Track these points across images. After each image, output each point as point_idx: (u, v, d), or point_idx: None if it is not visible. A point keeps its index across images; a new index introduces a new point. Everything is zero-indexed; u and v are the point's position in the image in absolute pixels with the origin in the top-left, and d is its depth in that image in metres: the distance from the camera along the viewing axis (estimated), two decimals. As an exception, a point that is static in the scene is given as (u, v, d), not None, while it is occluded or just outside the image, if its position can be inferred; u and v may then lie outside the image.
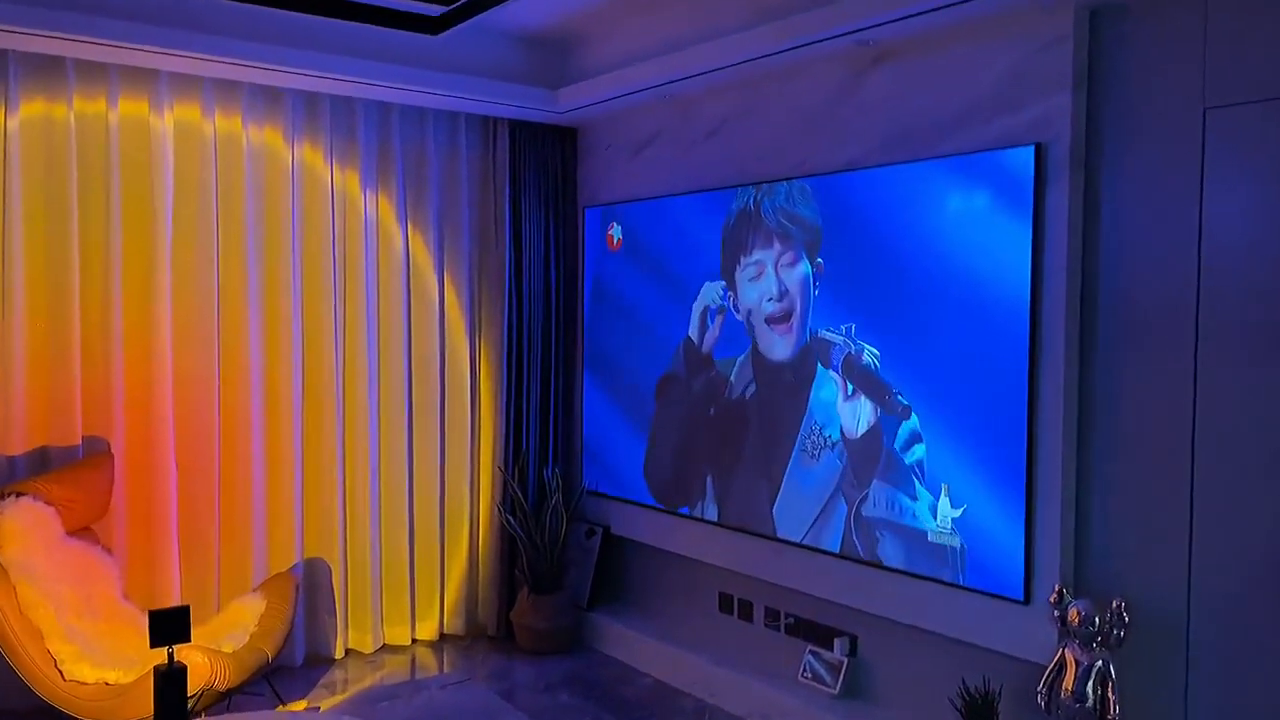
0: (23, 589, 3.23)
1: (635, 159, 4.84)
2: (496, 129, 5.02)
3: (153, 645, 2.88)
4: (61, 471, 3.77)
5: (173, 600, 4.20)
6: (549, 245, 5.14)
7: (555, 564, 4.85)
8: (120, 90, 4.07)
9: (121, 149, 4.09)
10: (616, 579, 5.11)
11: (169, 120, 4.18)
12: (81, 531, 3.74)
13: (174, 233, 4.22)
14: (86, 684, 3.21)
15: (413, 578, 4.94)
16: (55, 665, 3.22)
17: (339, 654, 4.69)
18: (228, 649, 3.43)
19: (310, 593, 4.63)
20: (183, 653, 3.11)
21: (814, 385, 3.88)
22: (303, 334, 4.56)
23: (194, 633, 3.72)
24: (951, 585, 3.42)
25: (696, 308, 4.43)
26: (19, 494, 3.51)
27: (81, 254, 4.03)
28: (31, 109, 3.91)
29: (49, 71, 3.92)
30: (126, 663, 3.42)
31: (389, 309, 4.80)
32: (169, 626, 2.86)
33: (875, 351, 3.64)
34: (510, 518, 4.87)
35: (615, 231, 4.91)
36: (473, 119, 4.98)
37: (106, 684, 3.22)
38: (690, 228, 4.46)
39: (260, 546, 4.46)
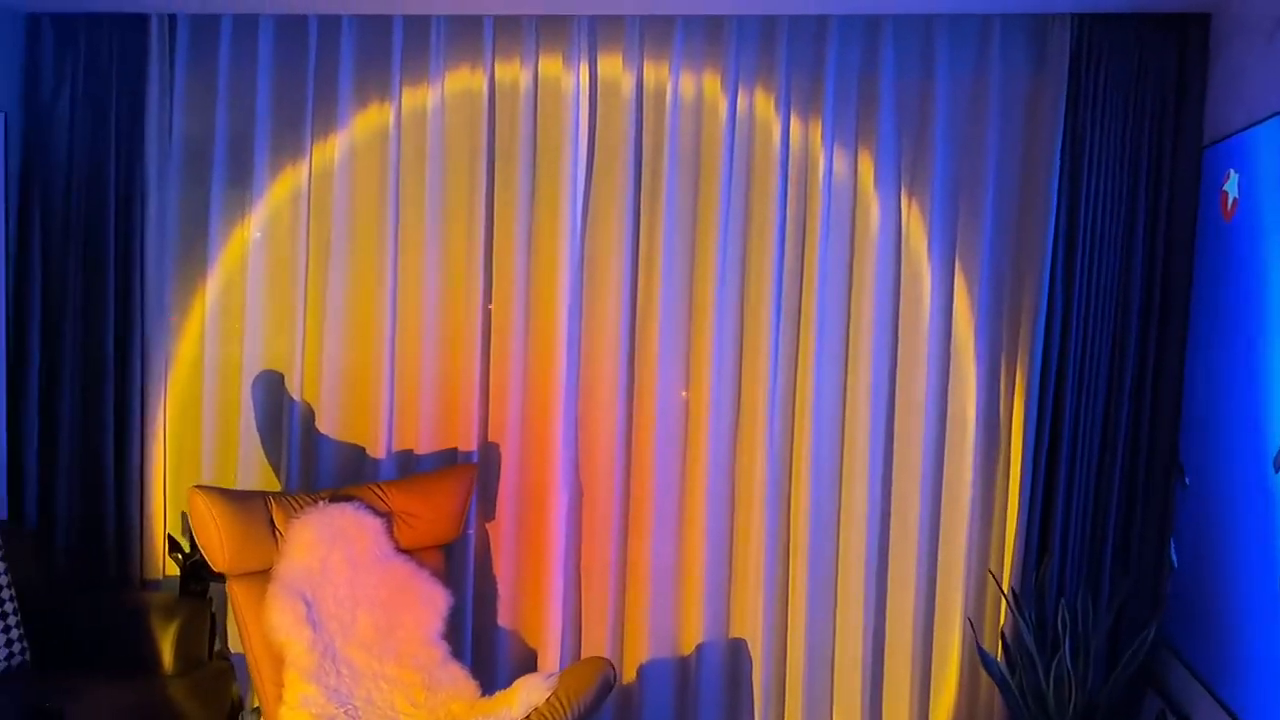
0: (274, 606, 2.90)
1: (1272, 45, 2.51)
2: (1049, 31, 3.13)
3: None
4: (410, 480, 3.39)
5: (552, 646, 3.54)
6: (1134, 214, 3.05)
7: (1061, 757, 2.85)
8: (538, 46, 3.48)
9: (540, 118, 3.49)
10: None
11: (584, 77, 3.46)
12: (422, 551, 3.31)
13: (585, 218, 3.49)
14: (291, 737, 2.74)
15: (875, 700, 3.42)
16: (279, 700, 2.82)
17: (754, 775, 3.49)
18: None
19: (730, 684, 3.51)
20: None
21: None
22: (736, 344, 3.44)
23: (485, 704, 3.02)
24: None
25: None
26: (346, 499, 3.22)
27: (497, 243, 3.57)
28: (456, 80, 3.56)
29: (470, 33, 3.52)
30: (383, 716, 2.87)
31: (859, 316, 3.36)
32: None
33: None
34: (990, 658, 3.01)
35: (1231, 186, 2.64)
36: (1012, 22, 3.18)
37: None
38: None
39: (663, 604, 3.51)
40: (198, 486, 2.94)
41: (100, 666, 3.19)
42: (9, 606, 3.09)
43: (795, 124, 3.36)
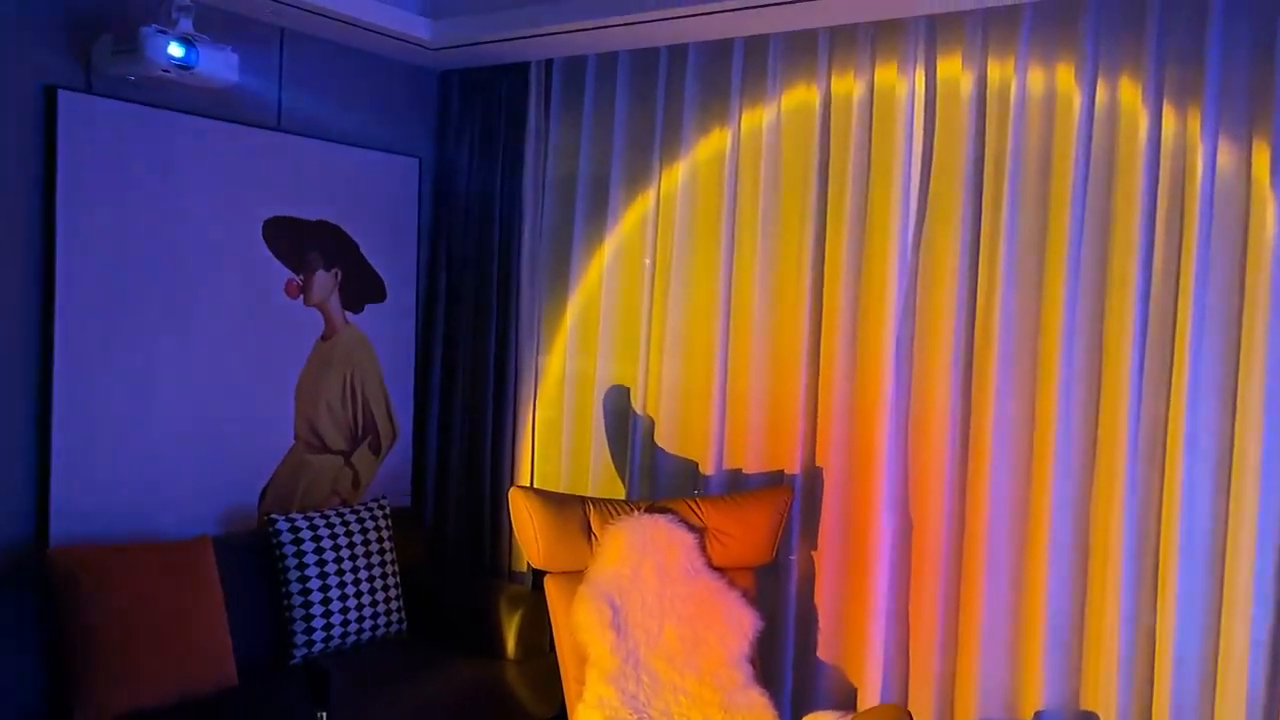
0: (582, 606, 3.05)
1: None
2: None
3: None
4: (726, 498, 3.37)
5: (873, 686, 3.32)
6: None
7: None
8: (874, 54, 3.31)
9: (874, 130, 3.33)
10: None
11: (919, 82, 3.23)
12: (734, 570, 3.28)
13: (919, 232, 3.26)
14: (583, 733, 2.86)
15: (1265, 820, 2.76)
16: (579, 698, 2.95)
17: None
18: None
19: (1079, 761, 3.05)
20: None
21: None
22: (1090, 371, 3.00)
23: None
24: None
25: None
26: (662, 510, 3.29)
27: (827, 262, 3.45)
28: (791, 98, 3.52)
29: (805, 49, 3.46)
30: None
31: (1250, 343, 2.75)
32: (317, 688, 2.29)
33: None
34: None
35: None
36: None
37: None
38: None
39: (997, 657, 3.13)
40: (517, 487, 3.19)
41: (458, 643, 3.58)
42: (391, 582, 3.58)
43: (1169, 114, 2.85)
